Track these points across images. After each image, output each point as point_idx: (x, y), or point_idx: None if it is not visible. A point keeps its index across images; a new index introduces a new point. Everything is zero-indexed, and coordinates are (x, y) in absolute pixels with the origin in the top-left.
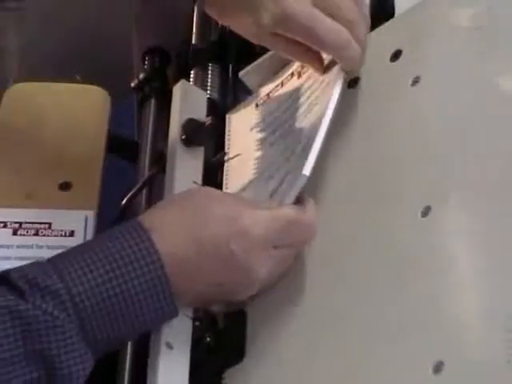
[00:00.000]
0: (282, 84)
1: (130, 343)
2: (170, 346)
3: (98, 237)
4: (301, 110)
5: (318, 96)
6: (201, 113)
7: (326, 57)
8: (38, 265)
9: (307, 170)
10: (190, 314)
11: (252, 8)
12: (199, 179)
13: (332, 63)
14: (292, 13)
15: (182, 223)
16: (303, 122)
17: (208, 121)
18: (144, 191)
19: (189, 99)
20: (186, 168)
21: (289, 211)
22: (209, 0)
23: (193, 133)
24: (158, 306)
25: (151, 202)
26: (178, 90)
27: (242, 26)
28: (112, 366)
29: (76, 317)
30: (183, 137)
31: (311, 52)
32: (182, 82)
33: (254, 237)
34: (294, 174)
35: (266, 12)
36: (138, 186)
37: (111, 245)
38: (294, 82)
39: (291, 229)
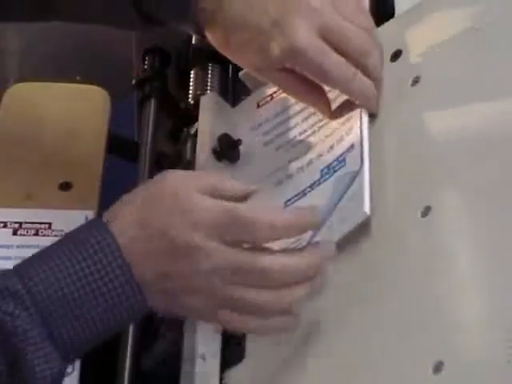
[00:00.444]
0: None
1: (130, 338)
2: (203, 358)
3: (62, 237)
4: (311, 121)
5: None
6: (228, 127)
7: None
8: (1, 272)
9: (367, 207)
10: (220, 329)
11: (261, 40)
12: None
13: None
14: (300, 46)
15: (136, 211)
16: (317, 134)
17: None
18: None
19: (217, 112)
20: None
21: (240, 207)
22: (211, 30)
23: (227, 148)
24: (123, 297)
25: None
26: (208, 100)
27: (246, 59)
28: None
29: (39, 316)
30: (218, 149)
31: (317, 92)
32: (213, 94)
33: (196, 222)
34: (346, 209)
35: (275, 44)
36: None
37: (72, 243)
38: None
39: (238, 225)
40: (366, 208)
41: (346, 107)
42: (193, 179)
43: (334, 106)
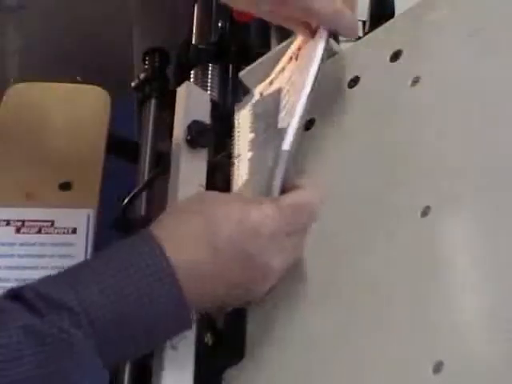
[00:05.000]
0: (271, 83)
1: None
2: (174, 348)
3: (111, 250)
4: (282, 114)
5: (291, 97)
6: (204, 114)
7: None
8: (51, 281)
9: (287, 145)
10: (194, 315)
11: None
12: (203, 180)
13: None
14: None
15: (195, 233)
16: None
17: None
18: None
19: (193, 101)
20: (190, 169)
21: (291, 197)
22: None
23: (197, 134)
24: (173, 324)
25: (151, 201)
26: (182, 91)
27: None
28: None
29: (92, 336)
30: (188, 138)
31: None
32: (187, 83)
33: (266, 233)
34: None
35: None
36: (139, 187)
37: (125, 260)
38: (281, 80)
39: (298, 214)
40: (286, 146)
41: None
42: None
43: None
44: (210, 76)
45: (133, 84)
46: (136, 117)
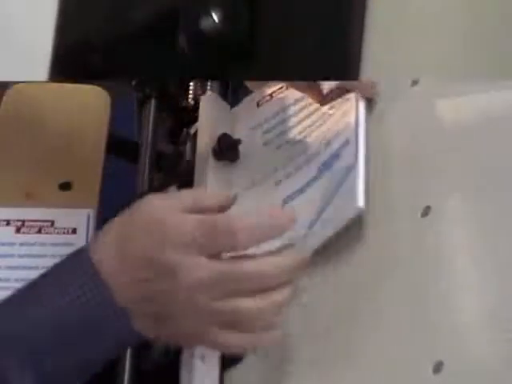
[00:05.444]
0: (288, 87)
1: (128, 354)
2: (202, 359)
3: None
4: (307, 122)
5: (325, 113)
6: (228, 127)
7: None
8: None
9: (361, 202)
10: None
11: None
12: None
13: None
14: None
15: (115, 243)
16: (316, 132)
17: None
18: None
19: (217, 113)
20: (216, 181)
21: (215, 216)
22: None
23: (226, 148)
24: (111, 330)
25: None
26: (206, 101)
27: None
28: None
29: (28, 358)
30: (216, 150)
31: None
32: (210, 94)
33: (172, 239)
34: (338, 203)
35: None
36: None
37: (56, 281)
38: (287, 95)
39: (216, 235)
40: (360, 202)
41: (337, 93)
42: (168, 200)
43: None
44: None
45: (133, 84)
46: (136, 117)
